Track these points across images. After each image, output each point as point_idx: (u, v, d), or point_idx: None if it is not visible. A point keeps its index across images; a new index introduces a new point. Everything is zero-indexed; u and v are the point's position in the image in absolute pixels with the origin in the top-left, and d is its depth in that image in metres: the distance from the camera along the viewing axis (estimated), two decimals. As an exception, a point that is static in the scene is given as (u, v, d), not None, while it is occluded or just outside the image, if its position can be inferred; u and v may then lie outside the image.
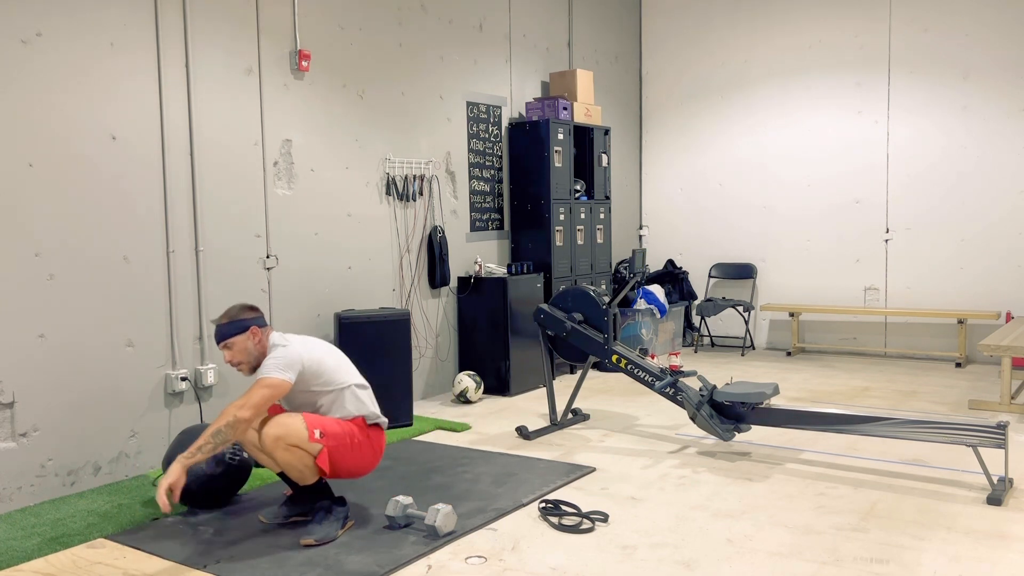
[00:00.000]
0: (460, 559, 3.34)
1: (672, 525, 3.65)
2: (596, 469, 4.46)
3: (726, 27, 8.29)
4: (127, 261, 4.41)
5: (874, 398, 6.02)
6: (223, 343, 3.61)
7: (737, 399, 4.60)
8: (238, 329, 3.59)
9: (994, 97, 7.09)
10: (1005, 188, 7.11)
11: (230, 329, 3.60)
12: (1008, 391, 5.55)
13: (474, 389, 6.05)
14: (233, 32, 4.89)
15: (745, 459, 4.61)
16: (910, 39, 7.39)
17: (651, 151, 8.82)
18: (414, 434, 5.21)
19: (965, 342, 7.16)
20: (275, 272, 5.13)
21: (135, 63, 4.42)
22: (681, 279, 8.31)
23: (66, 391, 4.17)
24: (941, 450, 4.60)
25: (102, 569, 3.29)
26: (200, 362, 4.76)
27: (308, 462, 3.50)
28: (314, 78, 5.36)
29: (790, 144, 8.00)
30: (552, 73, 7.39)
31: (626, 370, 5.05)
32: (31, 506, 4.02)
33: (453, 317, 6.47)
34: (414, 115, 6.11)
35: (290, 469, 3.53)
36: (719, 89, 8.35)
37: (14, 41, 3.95)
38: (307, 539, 3.49)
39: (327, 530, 3.54)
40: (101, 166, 4.29)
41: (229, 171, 4.88)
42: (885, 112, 7.54)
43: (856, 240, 7.73)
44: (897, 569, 3.17)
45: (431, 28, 6.25)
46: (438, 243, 6.18)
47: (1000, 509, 3.77)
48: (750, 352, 8.09)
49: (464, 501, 3.94)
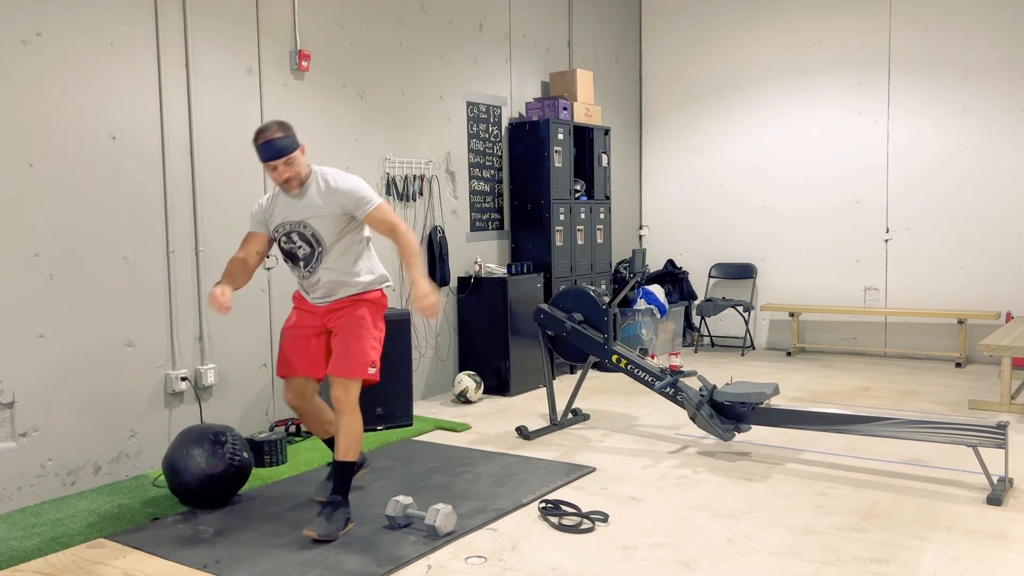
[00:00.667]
0: (460, 559, 3.34)
1: (672, 525, 3.65)
2: (596, 469, 4.46)
3: (726, 27, 8.29)
4: (127, 261, 4.41)
5: (874, 398, 6.02)
6: (286, 158, 3.58)
7: (737, 399, 4.60)
8: (297, 144, 3.63)
9: (994, 97, 7.09)
10: (1005, 188, 7.11)
11: (293, 143, 3.61)
12: (1008, 391, 5.55)
13: (474, 389, 6.06)
14: (233, 32, 4.89)
15: (745, 459, 4.61)
16: (910, 39, 7.39)
17: (651, 151, 8.82)
18: (414, 434, 5.21)
19: (965, 342, 7.16)
20: (275, 272, 5.13)
21: (135, 63, 4.42)
22: (681, 279, 8.31)
23: (66, 391, 4.17)
24: (941, 450, 4.60)
25: (102, 569, 3.29)
26: (200, 362, 4.76)
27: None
28: (314, 78, 5.36)
29: (790, 144, 8.00)
30: (552, 73, 7.40)
31: (626, 370, 5.05)
32: (31, 506, 4.02)
33: (453, 317, 6.47)
34: (414, 115, 6.11)
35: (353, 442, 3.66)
36: (719, 89, 8.35)
37: (14, 41, 3.95)
38: (310, 531, 3.50)
39: (331, 528, 3.54)
40: (101, 166, 4.29)
41: (229, 171, 4.88)
42: (885, 112, 7.54)
43: (856, 240, 7.73)
44: (897, 569, 3.17)
45: (431, 28, 6.25)
46: (438, 243, 6.18)
47: (1000, 509, 3.78)
48: (750, 352, 8.09)
49: (464, 501, 3.94)
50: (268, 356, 5.12)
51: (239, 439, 4.03)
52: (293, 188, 3.66)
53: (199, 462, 3.86)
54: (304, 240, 3.72)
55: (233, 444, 3.96)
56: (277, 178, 3.63)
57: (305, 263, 3.76)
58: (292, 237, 3.73)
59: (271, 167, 3.61)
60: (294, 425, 5.12)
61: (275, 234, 3.78)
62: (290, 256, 3.80)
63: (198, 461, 3.86)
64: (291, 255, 3.79)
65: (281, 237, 3.77)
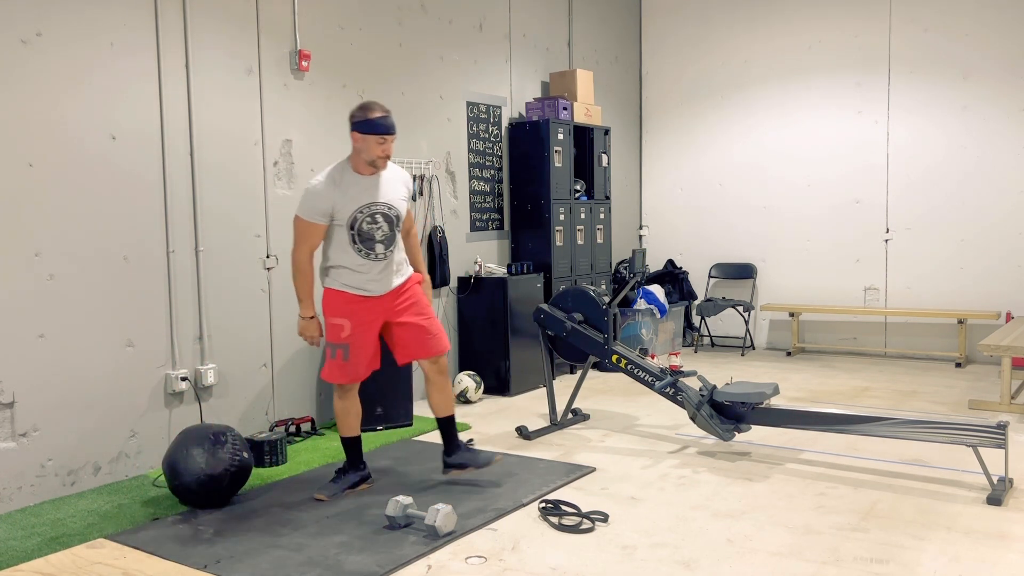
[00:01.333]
0: (460, 559, 3.34)
1: (672, 525, 3.65)
2: (596, 469, 4.46)
3: (726, 27, 8.29)
4: (127, 261, 4.41)
5: (874, 398, 6.02)
6: (393, 136, 3.85)
7: (737, 399, 4.60)
8: None
9: (994, 97, 7.09)
10: (1005, 188, 7.11)
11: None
12: (1008, 391, 5.55)
13: (474, 389, 6.06)
14: (233, 32, 4.89)
15: (745, 459, 4.61)
16: (910, 39, 7.39)
17: (651, 151, 8.82)
18: (414, 434, 5.21)
19: (965, 342, 7.16)
20: (275, 272, 5.13)
21: (135, 63, 4.42)
22: (681, 279, 8.31)
23: (66, 391, 4.17)
24: (941, 450, 4.60)
25: (102, 569, 3.29)
26: (200, 362, 4.76)
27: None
28: (314, 78, 5.36)
29: (790, 144, 8.00)
30: (552, 73, 7.40)
31: (626, 370, 5.05)
32: (31, 506, 4.02)
33: (453, 317, 6.47)
34: (414, 115, 6.11)
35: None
36: (719, 89, 8.35)
37: (14, 41, 3.95)
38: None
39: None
40: (101, 166, 4.29)
41: (229, 171, 4.88)
42: (885, 112, 7.54)
43: (856, 240, 7.73)
44: (897, 569, 3.17)
45: (431, 28, 6.25)
46: (438, 243, 6.18)
47: (1000, 509, 3.78)
48: (750, 352, 8.09)
49: (464, 501, 3.94)
50: (268, 356, 5.12)
51: (239, 439, 4.03)
52: (383, 166, 3.90)
53: (199, 462, 3.86)
54: (387, 221, 3.91)
55: (233, 444, 3.96)
56: (382, 152, 3.84)
57: (385, 244, 3.92)
58: (376, 218, 3.87)
59: (382, 140, 3.82)
60: (294, 425, 5.12)
61: (356, 215, 3.84)
62: (366, 240, 3.87)
63: (198, 461, 3.86)
64: (368, 238, 3.87)
65: (364, 219, 3.85)
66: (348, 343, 3.94)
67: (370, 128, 3.79)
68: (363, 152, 3.84)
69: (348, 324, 3.93)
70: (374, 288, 3.94)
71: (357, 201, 3.84)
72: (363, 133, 3.81)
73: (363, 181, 3.88)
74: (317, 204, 3.83)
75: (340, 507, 3.92)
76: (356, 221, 3.84)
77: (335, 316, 3.95)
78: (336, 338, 3.96)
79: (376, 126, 3.80)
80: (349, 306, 3.94)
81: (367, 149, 3.82)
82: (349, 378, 4.01)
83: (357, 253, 3.88)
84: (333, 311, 3.96)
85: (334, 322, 3.95)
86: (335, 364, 3.99)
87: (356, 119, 3.83)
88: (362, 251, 3.88)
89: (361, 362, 3.99)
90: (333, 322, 3.95)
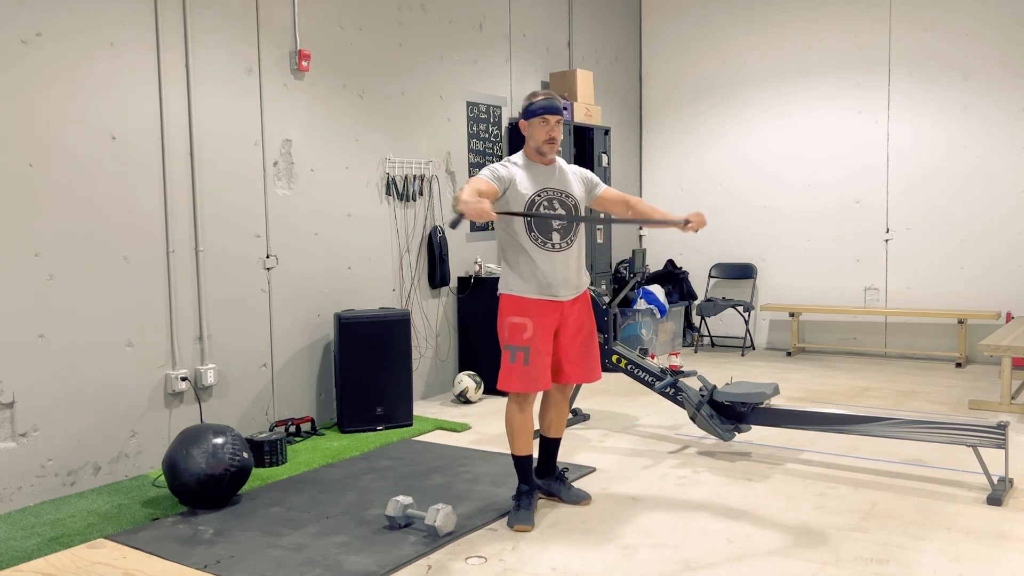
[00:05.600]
0: (460, 559, 3.34)
1: (672, 525, 3.65)
2: (596, 469, 4.46)
3: (726, 27, 8.28)
4: (127, 261, 4.41)
5: (874, 398, 6.02)
6: (559, 117, 3.72)
7: (737, 399, 4.60)
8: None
9: (994, 97, 7.09)
10: (1005, 188, 7.11)
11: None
12: (1008, 391, 5.55)
13: (474, 389, 6.05)
14: (233, 32, 4.89)
15: (745, 459, 4.61)
16: (910, 39, 7.39)
17: (651, 151, 8.82)
18: (414, 434, 5.21)
19: (965, 342, 7.16)
20: (275, 272, 5.13)
21: (135, 63, 4.42)
22: (681, 279, 8.30)
23: (66, 391, 4.17)
24: (941, 450, 4.60)
25: (102, 569, 3.29)
26: (200, 362, 4.76)
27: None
28: (314, 78, 5.36)
29: (790, 144, 8.00)
30: (552, 73, 7.39)
31: (626, 370, 5.04)
32: (31, 506, 4.02)
33: (453, 317, 6.47)
34: (414, 115, 6.11)
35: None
36: (719, 89, 8.35)
37: (14, 41, 3.95)
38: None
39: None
40: (101, 166, 4.29)
41: (229, 171, 4.88)
42: (885, 112, 7.53)
43: (856, 240, 7.73)
44: (897, 569, 3.17)
45: (431, 28, 6.25)
46: (438, 243, 6.18)
47: (1000, 509, 3.77)
48: (750, 352, 8.09)
49: (464, 501, 3.94)
50: (268, 356, 5.12)
51: (239, 439, 4.03)
52: (554, 151, 3.76)
53: (199, 462, 3.86)
54: (565, 209, 3.75)
55: (233, 444, 3.96)
56: (546, 136, 3.69)
57: (563, 234, 3.71)
58: (554, 204, 3.72)
59: (548, 120, 3.68)
60: (294, 425, 5.12)
61: (535, 199, 3.68)
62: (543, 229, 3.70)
63: (198, 461, 3.86)
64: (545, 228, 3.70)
65: (542, 203, 3.70)
66: (530, 346, 3.66)
67: (530, 112, 3.70)
68: (531, 139, 3.73)
69: (531, 324, 3.67)
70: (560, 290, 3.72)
71: (530, 188, 3.68)
72: (527, 119, 3.72)
73: (538, 170, 3.75)
74: (498, 170, 3.68)
75: (340, 507, 3.92)
76: (534, 204, 3.68)
77: (516, 315, 3.69)
78: (517, 339, 3.67)
79: (535, 108, 3.68)
80: (533, 307, 3.70)
81: (533, 135, 3.71)
82: (530, 386, 3.69)
83: (534, 242, 3.69)
84: (513, 310, 3.71)
85: (515, 321, 3.68)
86: (514, 369, 3.67)
87: (522, 109, 3.75)
88: (539, 239, 3.68)
89: (543, 368, 3.69)
90: (513, 321, 3.68)
